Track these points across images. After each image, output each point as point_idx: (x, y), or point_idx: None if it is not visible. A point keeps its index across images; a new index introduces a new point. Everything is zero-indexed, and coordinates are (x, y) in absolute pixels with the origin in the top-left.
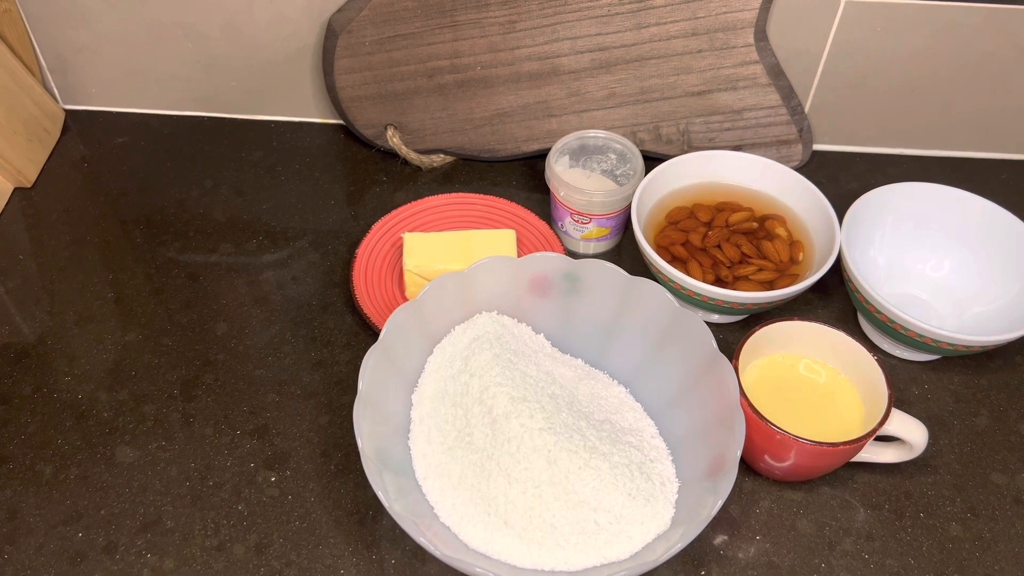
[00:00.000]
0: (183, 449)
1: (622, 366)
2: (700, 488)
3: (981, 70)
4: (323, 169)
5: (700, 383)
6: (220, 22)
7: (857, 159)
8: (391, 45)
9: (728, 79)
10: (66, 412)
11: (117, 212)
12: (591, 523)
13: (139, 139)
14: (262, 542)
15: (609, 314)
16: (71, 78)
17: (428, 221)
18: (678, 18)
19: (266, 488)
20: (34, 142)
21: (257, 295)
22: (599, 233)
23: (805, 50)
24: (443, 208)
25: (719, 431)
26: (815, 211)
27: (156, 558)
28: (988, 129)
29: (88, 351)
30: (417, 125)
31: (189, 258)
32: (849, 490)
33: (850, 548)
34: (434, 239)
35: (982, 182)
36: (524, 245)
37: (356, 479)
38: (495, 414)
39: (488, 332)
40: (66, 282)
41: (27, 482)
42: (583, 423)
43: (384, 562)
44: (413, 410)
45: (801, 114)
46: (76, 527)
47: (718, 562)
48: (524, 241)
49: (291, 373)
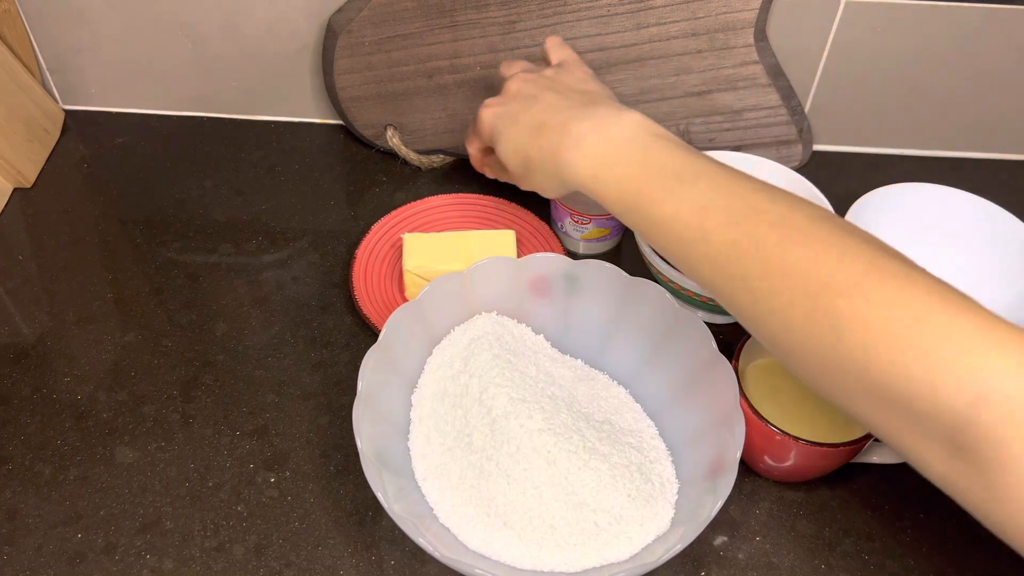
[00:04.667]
0: (182, 450)
1: (622, 367)
2: (700, 489)
3: (981, 70)
4: (323, 169)
5: (700, 384)
6: (220, 22)
7: (857, 159)
8: (391, 45)
9: (728, 79)
10: (65, 413)
11: (117, 212)
12: (591, 524)
13: (139, 139)
14: (261, 543)
15: (609, 315)
16: (71, 78)
17: (428, 221)
18: (678, 18)
19: (265, 489)
20: (34, 142)
21: (257, 295)
22: (599, 233)
23: (805, 50)
24: (443, 209)
25: (719, 432)
26: None
27: (155, 559)
28: (988, 129)
29: (88, 351)
30: (417, 125)
31: (189, 258)
32: (849, 490)
33: (850, 548)
34: (434, 240)
35: (982, 182)
36: (524, 245)
37: (355, 480)
38: (495, 415)
39: (488, 332)
40: (66, 282)
41: (26, 483)
42: (583, 424)
43: (383, 563)
44: (413, 411)
45: (801, 114)
46: (75, 528)
47: (718, 563)
48: (524, 241)
49: (291, 374)
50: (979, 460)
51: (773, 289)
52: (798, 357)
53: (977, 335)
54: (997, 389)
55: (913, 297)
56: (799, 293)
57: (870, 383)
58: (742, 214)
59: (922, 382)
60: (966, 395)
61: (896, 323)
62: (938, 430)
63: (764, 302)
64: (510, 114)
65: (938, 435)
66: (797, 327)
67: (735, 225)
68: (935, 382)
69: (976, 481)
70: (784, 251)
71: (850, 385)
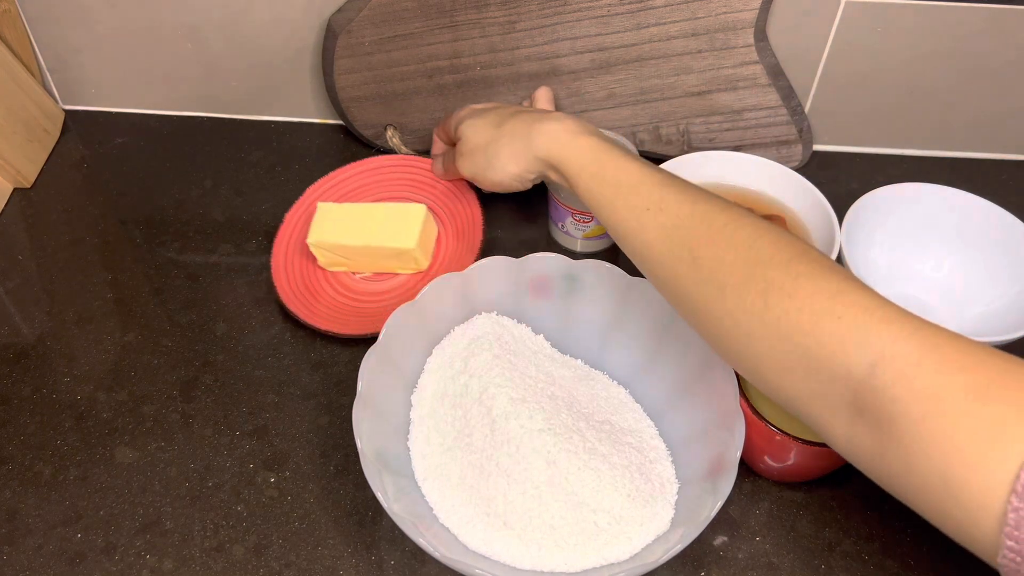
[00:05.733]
0: (182, 450)
1: (622, 367)
2: (700, 489)
3: (981, 70)
4: (323, 169)
5: (700, 384)
6: (220, 22)
7: (857, 159)
8: (391, 45)
9: (728, 79)
10: (65, 413)
11: (117, 212)
12: (590, 524)
13: (139, 139)
14: (261, 543)
15: (608, 315)
16: (71, 78)
17: (357, 188)
18: (678, 18)
19: (265, 489)
20: (34, 142)
21: (257, 295)
22: (600, 231)
23: (805, 50)
24: (378, 172)
25: (719, 432)
26: (815, 211)
27: (155, 559)
28: (988, 129)
29: (87, 351)
30: (417, 125)
31: (189, 258)
32: (849, 490)
33: (850, 549)
34: (343, 211)
35: (982, 182)
36: (442, 216)
37: (355, 480)
38: (494, 415)
39: (487, 333)
40: (66, 282)
41: (26, 483)
42: (583, 424)
43: (383, 563)
44: (412, 411)
45: (801, 114)
46: (75, 528)
47: (718, 563)
48: (441, 213)
49: (290, 374)
50: (876, 419)
51: (716, 256)
52: (727, 327)
53: (881, 307)
54: (892, 352)
55: (833, 277)
56: (740, 261)
57: (789, 350)
58: (697, 198)
59: (833, 347)
60: (869, 356)
61: (817, 294)
62: (843, 394)
63: (705, 269)
64: (485, 109)
65: (843, 400)
66: (730, 293)
67: (691, 203)
68: (845, 345)
69: (873, 439)
70: (731, 230)
71: (768, 353)
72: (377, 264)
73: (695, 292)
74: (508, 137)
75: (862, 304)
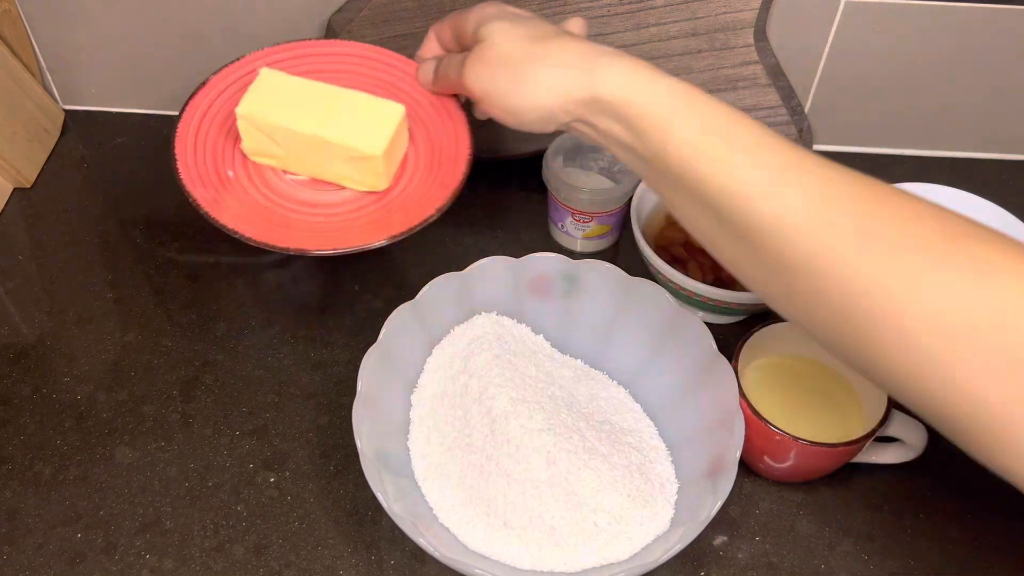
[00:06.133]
0: (182, 449)
1: (621, 367)
2: (700, 489)
3: (981, 70)
4: None
5: (699, 384)
6: (220, 22)
7: (857, 159)
8: (391, 45)
9: (728, 79)
10: (65, 412)
11: (117, 212)
12: (590, 524)
13: (139, 139)
14: (261, 543)
15: (608, 315)
16: (71, 78)
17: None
18: (678, 18)
19: (265, 489)
20: (34, 142)
21: (257, 295)
22: (600, 231)
23: (805, 50)
24: (331, 59)
25: (718, 432)
26: None
27: (155, 559)
28: (988, 129)
29: (87, 351)
30: None
31: (189, 258)
32: (849, 490)
33: (850, 549)
34: (293, 86)
35: (983, 183)
36: (415, 134)
37: (355, 480)
38: (494, 415)
39: (487, 332)
40: (66, 282)
41: (26, 482)
42: (582, 424)
43: (383, 563)
44: (412, 411)
45: (801, 114)
46: (75, 527)
47: (718, 563)
48: (415, 130)
49: (290, 373)
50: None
51: (901, 229)
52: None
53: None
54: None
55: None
56: (935, 235)
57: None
58: (832, 163)
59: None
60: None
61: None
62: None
63: (883, 240)
64: (520, 16)
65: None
66: (928, 274)
67: (830, 166)
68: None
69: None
70: (900, 199)
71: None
72: (321, 167)
73: (856, 270)
74: (556, 60)
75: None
